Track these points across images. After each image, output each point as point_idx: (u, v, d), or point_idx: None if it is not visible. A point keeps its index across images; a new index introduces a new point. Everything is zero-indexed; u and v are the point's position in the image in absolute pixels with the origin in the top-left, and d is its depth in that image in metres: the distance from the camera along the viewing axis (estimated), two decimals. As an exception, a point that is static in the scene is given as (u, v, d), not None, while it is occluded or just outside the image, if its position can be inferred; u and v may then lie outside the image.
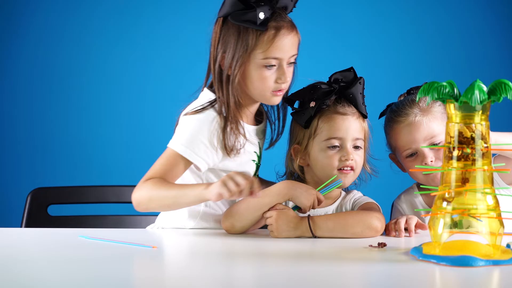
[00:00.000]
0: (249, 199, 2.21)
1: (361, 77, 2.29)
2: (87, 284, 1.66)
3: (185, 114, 2.26)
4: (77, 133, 4.00)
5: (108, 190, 2.72)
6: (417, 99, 2.29)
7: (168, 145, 2.24)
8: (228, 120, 2.23)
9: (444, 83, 1.86)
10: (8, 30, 3.97)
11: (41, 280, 1.69)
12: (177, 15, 4.01)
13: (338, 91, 2.28)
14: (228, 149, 2.23)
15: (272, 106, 2.37)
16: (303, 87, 2.31)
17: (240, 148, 2.26)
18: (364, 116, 2.30)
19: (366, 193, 2.36)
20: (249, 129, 2.31)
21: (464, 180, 1.86)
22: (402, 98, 2.44)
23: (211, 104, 2.26)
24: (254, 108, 2.33)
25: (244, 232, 2.22)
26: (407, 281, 1.71)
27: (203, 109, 2.25)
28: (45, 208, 2.60)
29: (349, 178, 2.28)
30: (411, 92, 2.43)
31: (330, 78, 2.31)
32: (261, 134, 2.37)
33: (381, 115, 2.45)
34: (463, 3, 4.04)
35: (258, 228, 2.25)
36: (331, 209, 2.32)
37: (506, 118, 3.85)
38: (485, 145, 1.86)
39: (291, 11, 2.27)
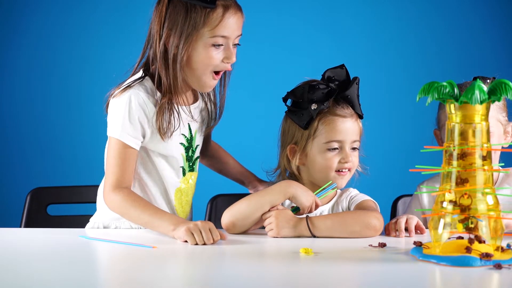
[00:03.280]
0: (250, 197, 2.21)
1: (357, 77, 2.28)
2: (87, 284, 1.66)
3: (114, 97, 2.23)
4: (77, 133, 4.00)
5: (108, 190, 2.71)
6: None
7: (108, 134, 2.22)
8: (168, 101, 2.20)
9: (444, 83, 1.86)
10: (8, 30, 3.97)
11: (41, 280, 1.69)
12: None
13: (336, 92, 2.28)
14: (162, 132, 2.20)
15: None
16: (299, 86, 2.28)
17: (174, 131, 2.22)
18: (360, 117, 2.30)
19: (365, 192, 2.35)
20: (182, 109, 2.27)
21: (464, 180, 1.86)
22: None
23: (138, 81, 2.22)
24: (189, 87, 2.29)
25: (244, 232, 2.22)
26: (407, 281, 1.71)
27: (128, 87, 2.21)
28: (44, 208, 2.60)
29: (346, 179, 2.29)
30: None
31: (323, 75, 2.30)
32: (197, 113, 2.32)
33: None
34: (461, 3, 4.04)
35: (258, 228, 2.25)
36: (326, 207, 2.32)
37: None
38: (485, 145, 1.86)
39: None
